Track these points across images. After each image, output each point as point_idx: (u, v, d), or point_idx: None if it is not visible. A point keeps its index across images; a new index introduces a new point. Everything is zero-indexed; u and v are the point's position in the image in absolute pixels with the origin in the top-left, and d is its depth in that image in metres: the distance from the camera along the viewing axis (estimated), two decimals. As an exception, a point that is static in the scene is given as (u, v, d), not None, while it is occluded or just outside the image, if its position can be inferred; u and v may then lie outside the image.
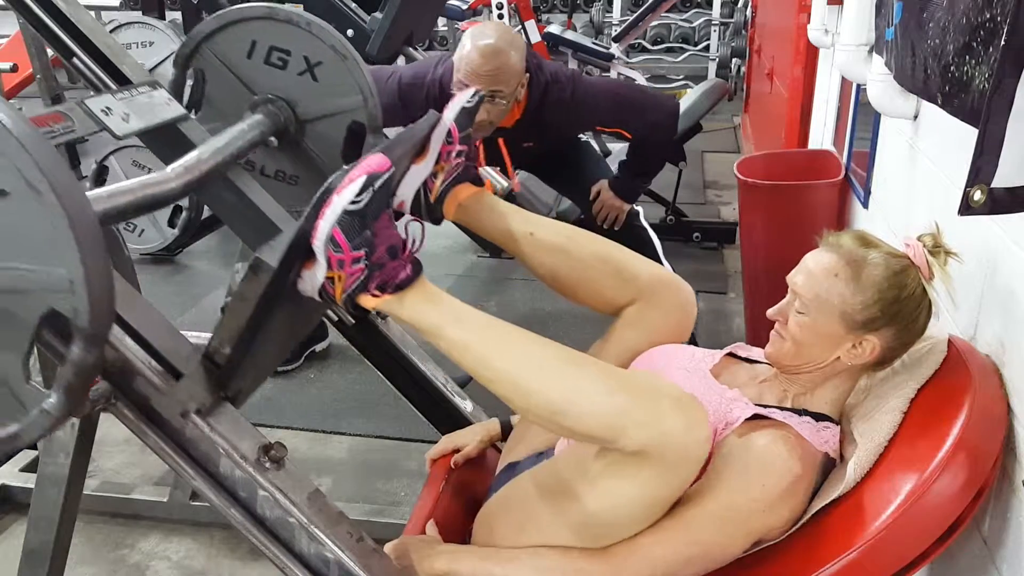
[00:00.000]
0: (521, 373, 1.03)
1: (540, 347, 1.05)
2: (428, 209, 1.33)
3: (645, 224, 2.72)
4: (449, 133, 1.30)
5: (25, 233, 0.80)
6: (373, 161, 0.99)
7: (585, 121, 2.55)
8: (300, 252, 1.00)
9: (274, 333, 1.14)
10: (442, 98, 2.35)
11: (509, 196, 4.01)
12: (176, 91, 1.52)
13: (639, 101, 2.51)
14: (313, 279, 1.02)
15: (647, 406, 0.99)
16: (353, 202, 0.97)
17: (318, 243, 0.98)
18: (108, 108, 1.22)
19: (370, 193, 0.97)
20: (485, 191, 1.38)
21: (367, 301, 1.04)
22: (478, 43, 2.16)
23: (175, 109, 1.37)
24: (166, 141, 1.38)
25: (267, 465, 1.10)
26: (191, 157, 1.25)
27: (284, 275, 1.00)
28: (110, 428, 1.19)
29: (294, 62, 1.50)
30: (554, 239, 1.38)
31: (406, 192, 1.28)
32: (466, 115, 1.32)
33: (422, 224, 1.14)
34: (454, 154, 1.31)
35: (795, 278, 1.20)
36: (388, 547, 1.23)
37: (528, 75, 2.31)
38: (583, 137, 2.91)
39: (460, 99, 1.33)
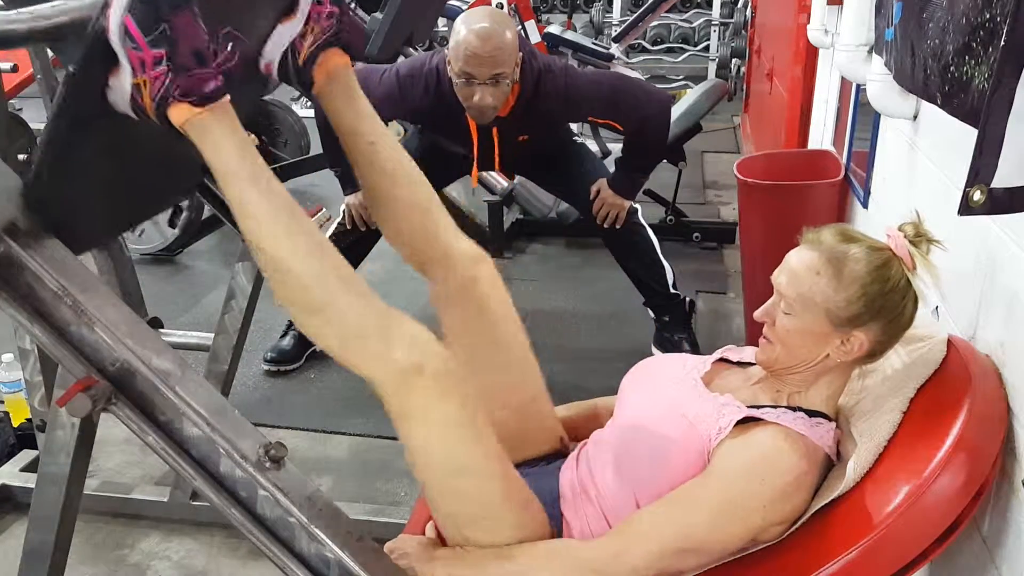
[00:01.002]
0: (290, 261, 1.04)
1: (320, 248, 1.06)
2: (296, 72, 1.25)
3: (644, 223, 2.72)
4: None
5: None
6: None
7: (578, 111, 2.55)
8: (99, 52, 0.95)
9: (100, 164, 1.10)
10: (439, 85, 2.36)
11: (508, 196, 4.03)
12: None
13: (632, 92, 2.51)
14: (121, 88, 0.98)
15: (382, 333, 1.03)
16: None
17: (113, 36, 0.94)
18: None
19: None
20: (351, 71, 1.30)
21: (176, 113, 0.99)
22: (473, 27, 2.17)
23: None
24: None
25: (267, 465, 1.10)
26: (46, 5, 1.11)
27: (88, 81, 0.95)
28: (111, 428, 1.20)
29: None
30: (389, 161, 1.31)
31: (273, 53, 1.22)
32: None
33: (239, 37, 1.08)
34: (325, 15, 1.24)
35: (779, 278, 1.20)
36: (388, 546, 1.23)
37: (521, 61, 2.31)
38: (579, 139, 2.91)
39: None
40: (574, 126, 2.92)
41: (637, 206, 2.69)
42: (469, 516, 1.14)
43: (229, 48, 1.03)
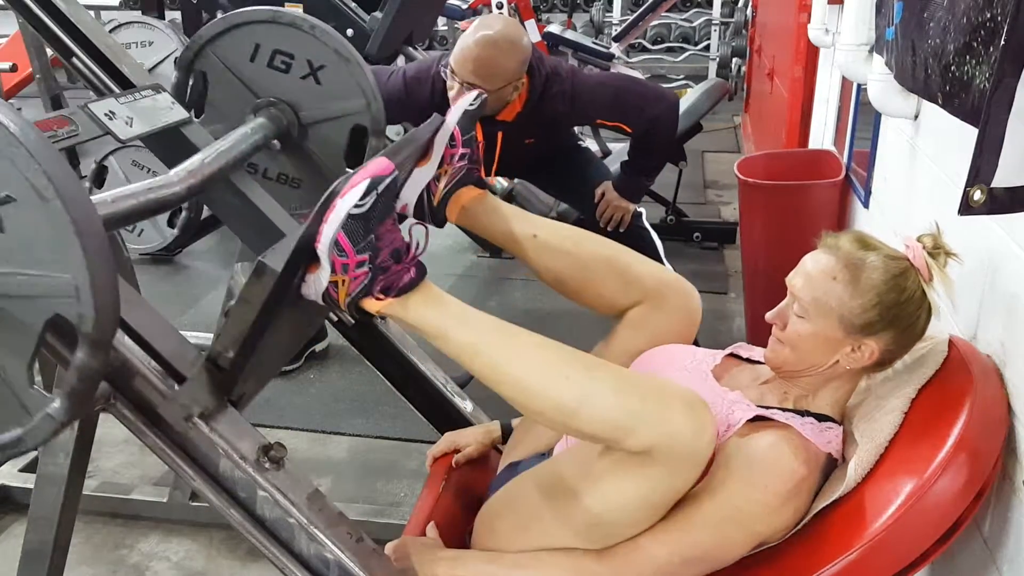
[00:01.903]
0: (530, 376, 1.03)
1: (548, 350, 1.06)
2: (431, 212, 1.33)
3: (648, 225, 2.71)
4: (452, 136, 1.30)
5: (32, 239, 0.80)
6: (376, 165, 0.99)
7: (586, 114, 2.54)
8: (304, 256, 1.00)
9: (277, 336, 1.14)
10: (445, 89, 2.36)
11: (508, 196, 4.03)
12: (179, 94, 1.53)
13: (639, 94, 2.49)
14: (317, 283, 1.02)
15: (656, 407, 0.99)
16: (357, 206, 0.97)
17: (322, 247, 0.98)
18: (112, 112, 1.23)
19: (374, 197, 0.97)
20: (487, 194, 1.38)
21: (371, 305, 1.03)
22: (479, 32, 2.17)
23: (178, 113, 1.38)
24: (169, 144, 1.39)
25: (267, 465, 1.10)
26: (194, 161, 1.25)
27: (288, 279, 1.00)
28: (110, 428, 1.19)
29: (297, 65, 1.51)
30: (557, 241, 1.38)
31: (409, 195, 1.28)
32: (468, 118, 1.32)
33: (426, 227, 1.15)
34: (457, 157, 1.31)
35: (794, 280, 1.20)
36: (388, 548, 1.23)
37: (529, 67, 2.30)
38: (582, 143, 2.90)
39: (463, 102, 1.33)
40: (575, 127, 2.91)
41: (642, 209, 2.68)
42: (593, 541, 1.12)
43: (417, 242, 1.08)
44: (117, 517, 2.13)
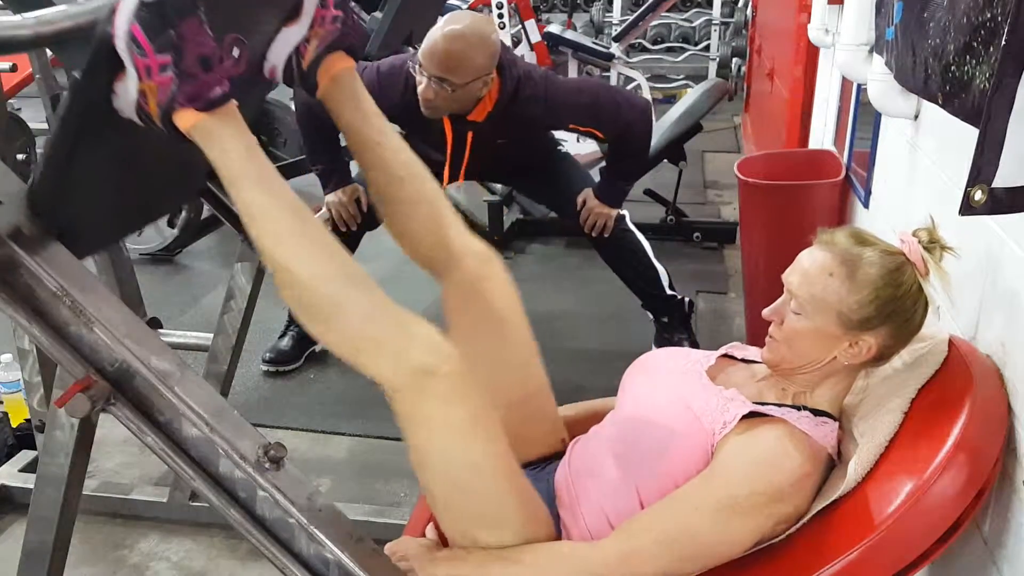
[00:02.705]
0: (298, 265, 1.03)
1: (329, 249, 1.06)
2: (301, 76, 1.25)
3: (633, 228, 2.72)
4: None
5: None
6: None
7: (559, 118, 2.55)
8: (105, 58, 0.95)
9: (105, 169, 1.10)
10: (417, 86, 2.36)
11: (508, 196, 4.03)
12: None
13: (612, 100, 2.51)
14: (127, 93, 0.97)
15: (395, 335, 1.03)
16: None
17: (120, 43, 0.94)
18: None
19: None
20: (355, 75, 1.29)
21: (182, 119, 0.99)
22: (447, 27, 2.18)
23: None
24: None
25: (267, 465, 1.10)
26: (52, 10, 1.09)
27: (90, 84, 0.95)
28: (110, 429, 1.19)
29: None
30: (396, 164, 1.31)
31: (277, 57, 1.21)
32: None
33: (244, 43, 1.07)
34: (329, 19, 1.23)
35: (790, 277, 1.20)
36: (388, 548, 1.23)
37: (500, 68, 2.31)
38: (563, 149, 2.90)
39: None
40: (559, 133, 2.92)
41: (625, 212, 2.69)
42: (475, 516, 1.14)
43: (235, 53, 1.03)
44: (117, 517, 2.13)
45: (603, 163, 2.75)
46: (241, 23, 1.10)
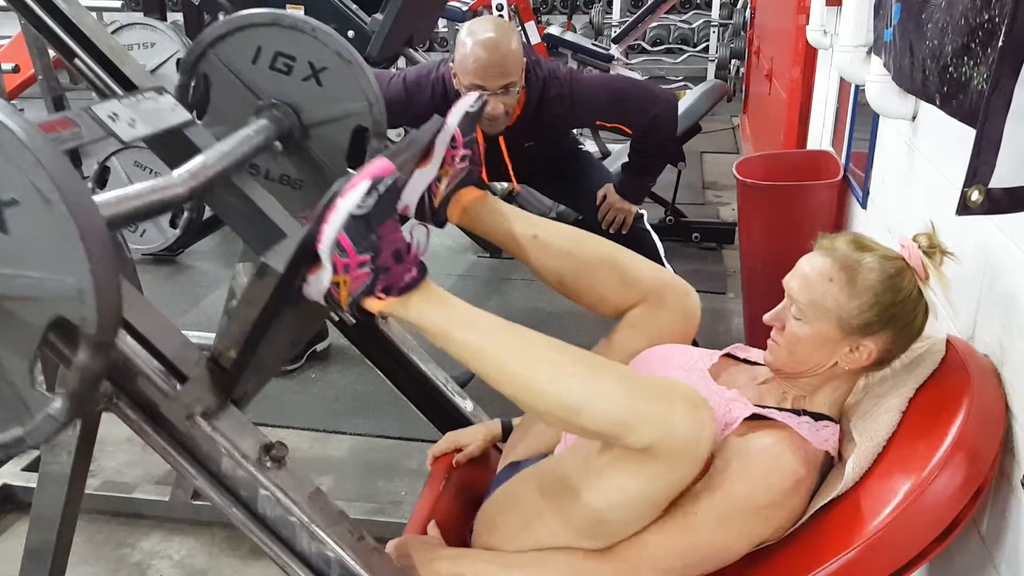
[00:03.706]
0: (534, 376, 1.04)
1: (553, 349, 1.06)
2: (432, 213, 1.33)
3: (649, 227, 2.71)
4: (453, 138, 1.30)
5: (35, 241, 0.81)
6: (377, 165, 1.00)
7: (585, 116, 2.54)
8: (306, 257, 1.00)
9: (279, 336, 1.14)
10: (445, 93, 2.36)
11: (508, 196, 4.02)
12: (182, 96, 1.53)
13: (638, 95, 2.50)
14: (319, 284, 1.02)
15: (659, 404, 1.00)
16: (359, 206, 0.97)
17: (323, 248, 0.99)
18: (115, 114, 1.23)
19: (375, 197, 0.98)
20: (488, 195, 1.39)
21: (372, 304, 1.04)
22: (479, 39, 2.17)
23: (181, 114, 1.38)
24: (172, 146, 1.39)
25: (268, 464, 1.10)
26: (197, 162, 1.26)
27: (290, 280, 1.00)
28: (112, 427, 1.20)
29: (299, 67, 1.51)
30: (558, 242, 1.39)
31: (410, 196, 1.28)
32: (469, 120, 1.33)
33: (427, 228, 1.15)
34: (458, 158, 1.31)
35: (791, 283, 1.20)
36: (389, 546, 1.23)
37: (526, 68, 2.32)
38: (583, 146, 2.90)
39: (463, 104, 1.33)
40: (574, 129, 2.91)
41: (643, 211, 2.68)
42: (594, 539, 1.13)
43: (417, 242, 1.08)
44: (119, 516, 2.13)
45: (624, 159, 2.73)
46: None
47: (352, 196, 0.97)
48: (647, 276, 1.40)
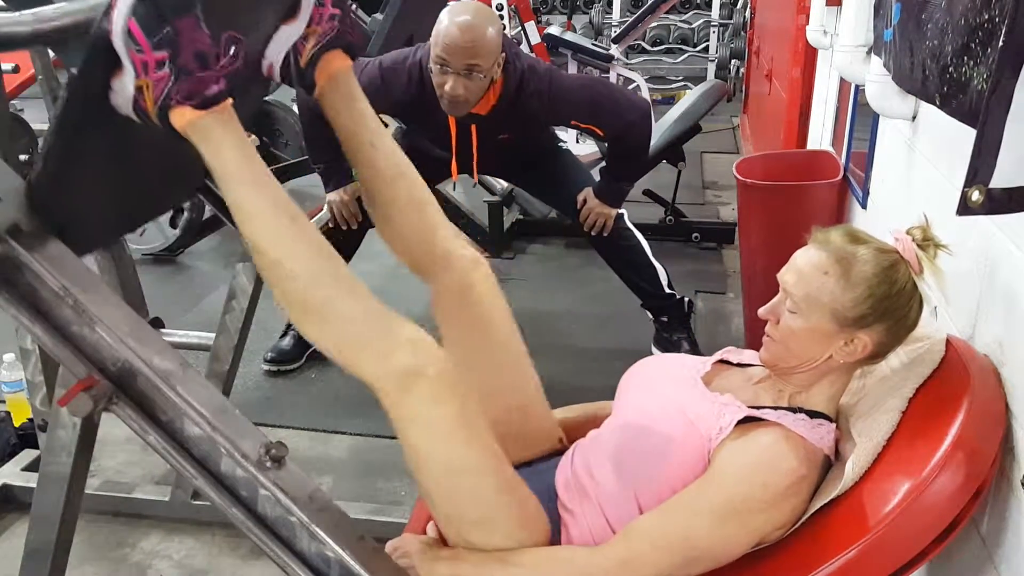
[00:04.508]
0: (290, 265, 1.05)
1: (320, 251, 1.07)
2: (298, 74, 1.25)
3: (632, 227, 2.73)
4: None
5: None
6: None
7: (561, 114, 2.55)
8: (102, 54, 0.95)
9: (104, 166, 1.10)
10: (422, 79, 2.37)
11: (508, 196, 4.03)
12: None
13: (615, 99, 2.52)
14: (124, 90, 0.98)
15: (384, 336, 1.04)
16: None
17: (116, 38, 0.94)
18: None
19: None
20: (352, 74, 1.29)
21: (178, 116, 0.99)
22: (456, 18, 2.20)
23: None
24: None
25: (268, 464, 1.10)
26: (50, 8, 1.11)
27: (88, 80, 0.96)
28: (112, 428, 1.20)
29: None
30: (386, 162, 1.31)
31: (275, 54, 1.22)
32: None
33: (241, 41, 1.07)
34: (327, 17, 1.23)
35: (785, 276, 1.20)
36: (389, 546, 1.23)
37: (505, 60, 2.32)
38: (564, 146, 2.91)
39: None
40: (560, 132, 2.92)
41: (623, 211, 2.70)
42: (468, 517, 1.15)
43: (232, 51, 1.04)
44: (119, 516, 2.13)
45: (603, 163, 2.76)
46: (239, 21, 1.10)
47: None
48: (442, 235, 1.35)
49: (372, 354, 1.04)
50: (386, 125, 1.32)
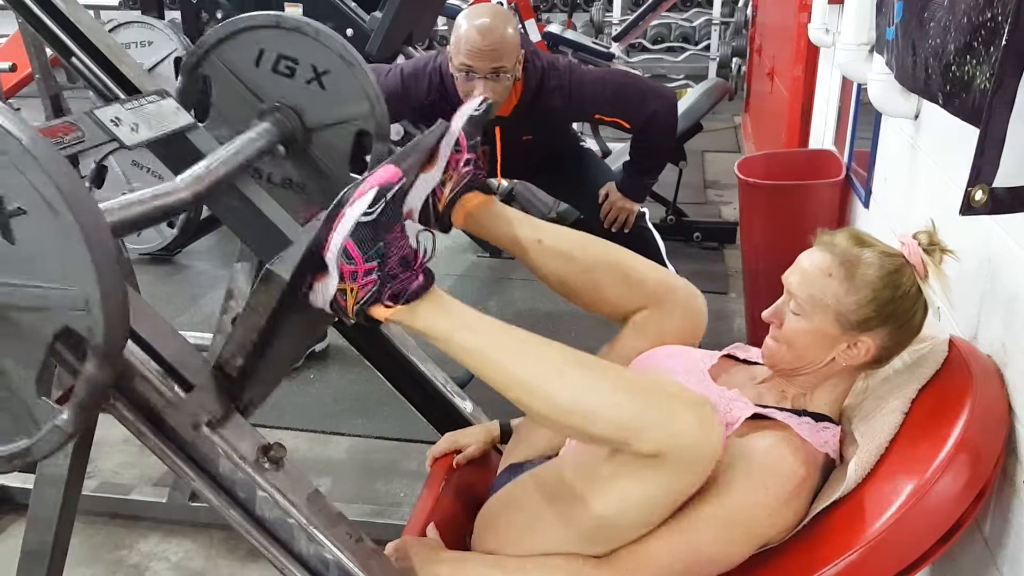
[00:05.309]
0: (535, 379, 1.03)
1: (553, 351, 1.05)
2: (437, 217, 1.32)
3: (651, 226, 2.71)
4: (457, 142, 1.30)
5: (42, 251, 0.80)
6: (385, 173, 0.99)
7: (584, 109, 2.53)
8: (312, 264, 0.99)
9: (283, 343, 1.13)
10: (442, 84, 2.36)
11: (508, 196, 4.02)
12: (183, 99, 1.52)
13: (638, 89, 2.49)
14: (325, 291, 1.01)
15: (661, 408, 0.99)
16: (366, 213, 0.96)
17: (330, 255, 0.98)
18: (118, 118, 1.22)
19: (383, 204, 0.97)
20: (493, 199, 1.38)
21: (379, 312, 1.03)
22: (474, 22, 2.18)
23: (183, 118, 1.38)
24: (174, 150, 1.38)
25: (266, 466, 1.10)
26: (200, 167, 1.25)
27: (296, 288, 0.99)
28: (109, 429, 1.19)
29: (301, 70, 1.51)
30: (561, 246, 1.38)
31: (415, 201, 1.27)
32: (473, 123, 1.32)
33: (433, 234, 1.14)
34: (462, 163, 1.31)
35: (790, 278, 1.20)
36: (388, 548, 1.23)
37: (524, 59, 2.31)
38: (584, 143, 2.89)
39: (467, 108, 1.33)
40: (574, 125, 2.91)
41: (645, 210, 2.68)
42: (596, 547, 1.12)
43: (424, 248, 1.07)
44: (116, 517, 2.13)
45: (625, 158, 2.73)
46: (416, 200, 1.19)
47: (360, 204, 0.97)
48: (651, 279, 1.39)
49: (656, 428, 0.98)
50: (406, 133, 1.37)
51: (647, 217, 2.69)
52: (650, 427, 0.97)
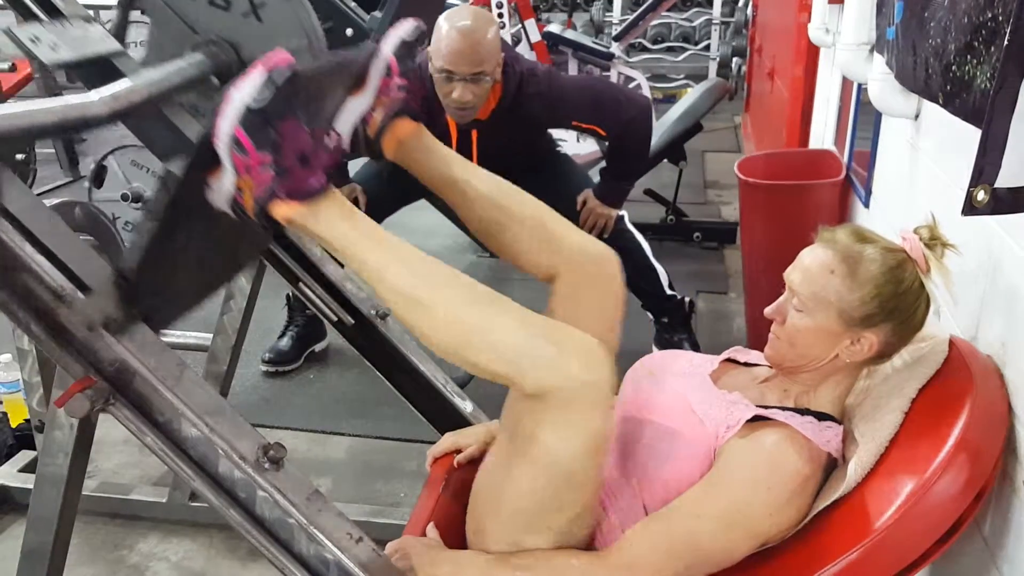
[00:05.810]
0: (435, 302, 1.03)
1: (456, 279, 1.05)
2: (367, 144, 1.28)
3: (631, 228, 2.72)
4: (388, 66, 1.25)
5: None
6: (274, 56, 0.95)
7: (561, 115, 2.54)
8: (205, 158, 0.97)
9: (189, 250, 1.11)
10: (421, 85, 2.36)
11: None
12: (118, 32, 1.47)
13: (615, 97, 2.52)
14: (222, 188, 0.99)
15: (551, 346, 1.00)
16: (255, 99, 0.93)
17: (221, 144, 0.95)
18: (36, 37, 1.18)
19: (272, 89, 0.94)
20: (423, 129, 1.33)
21: (278, 209, 1.00)
22: (456, 24, 2.19)
23: (111, 44, 1.32)
24: (99, 75, 1.32)
25: (266, 466, 1.10)
26: (120, 85, 1.19)
27: (191, 185, 0.97)
28: (109, 429, 1.19)
29: (238, 2, 1.44)
30: (489, 192, 1.34)
31: (344, 126, 1.23)
32: (406, 48, 1.28)
33: (338, 134, 1.09)
34: (394, 88, 1.26)
35: (791, 275, 1.19)
36: (388, 548, 1.22)
37: (504, 63, 2.31)
38: (562, 150, 2.90)
39: (399, 31, 1.28)
40: (560, 132, 2.91)
41: (623, 212, 2.69)
42: (551, 525, 1.11)
43: (330, 145, 1.06)
44: (117, 517, 2.12)
45: (603, 163, 2.75)
46: (326, 109, 1.15)
47: (247, 87, 0.93)
48: (570, 241, 1.37)
49: (542, 364, 0.99)
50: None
51: (627, 219, 2.70)
52: (536, 363, 0.98)
